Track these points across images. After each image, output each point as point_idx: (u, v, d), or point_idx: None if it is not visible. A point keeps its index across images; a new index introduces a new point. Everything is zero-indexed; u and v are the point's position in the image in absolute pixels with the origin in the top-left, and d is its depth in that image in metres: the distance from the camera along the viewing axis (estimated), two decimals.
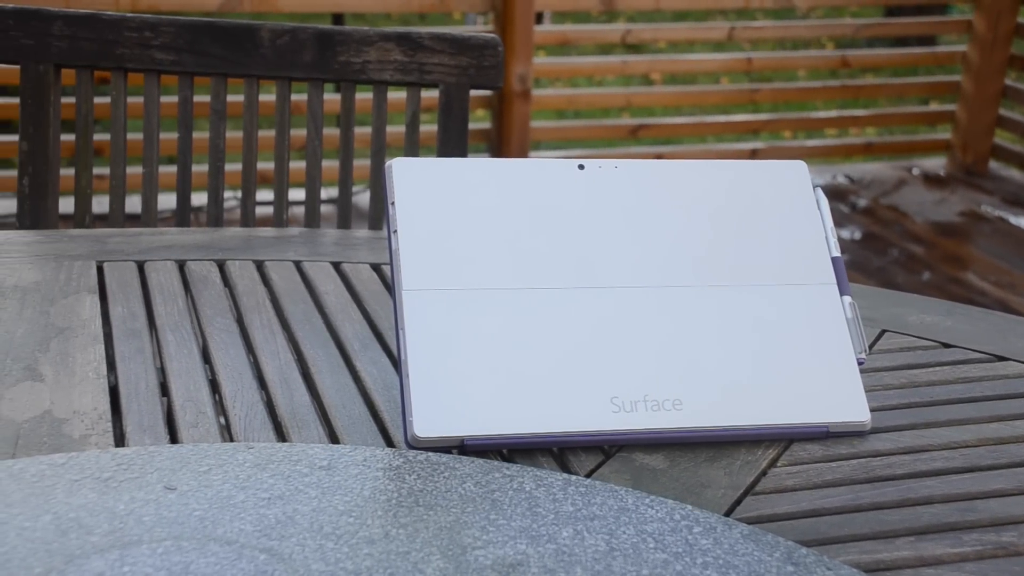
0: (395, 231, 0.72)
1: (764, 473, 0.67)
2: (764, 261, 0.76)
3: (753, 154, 3.97)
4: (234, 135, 1.26)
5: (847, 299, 0.75)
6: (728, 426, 0.70)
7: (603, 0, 3.65)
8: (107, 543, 0.55)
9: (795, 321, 0.74)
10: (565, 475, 0.64)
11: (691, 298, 0.74)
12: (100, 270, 0.94)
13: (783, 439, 0.71)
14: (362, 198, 3.25)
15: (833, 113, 4.14)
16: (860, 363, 0.74)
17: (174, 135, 1.23)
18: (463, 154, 1.23)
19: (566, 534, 0.58)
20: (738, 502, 0.64)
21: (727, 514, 0.63)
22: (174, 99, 1.21)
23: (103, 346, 0.80)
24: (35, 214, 1.17)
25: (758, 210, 0.77)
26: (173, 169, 1.26)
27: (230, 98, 1.22)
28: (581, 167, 0.76)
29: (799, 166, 0.79)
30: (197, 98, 1.21)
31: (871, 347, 0.86)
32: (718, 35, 3.91)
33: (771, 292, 0.75)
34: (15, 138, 3.45)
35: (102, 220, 1.21)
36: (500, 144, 3.64)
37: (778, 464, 0.69)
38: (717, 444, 0.70)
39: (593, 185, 0.76)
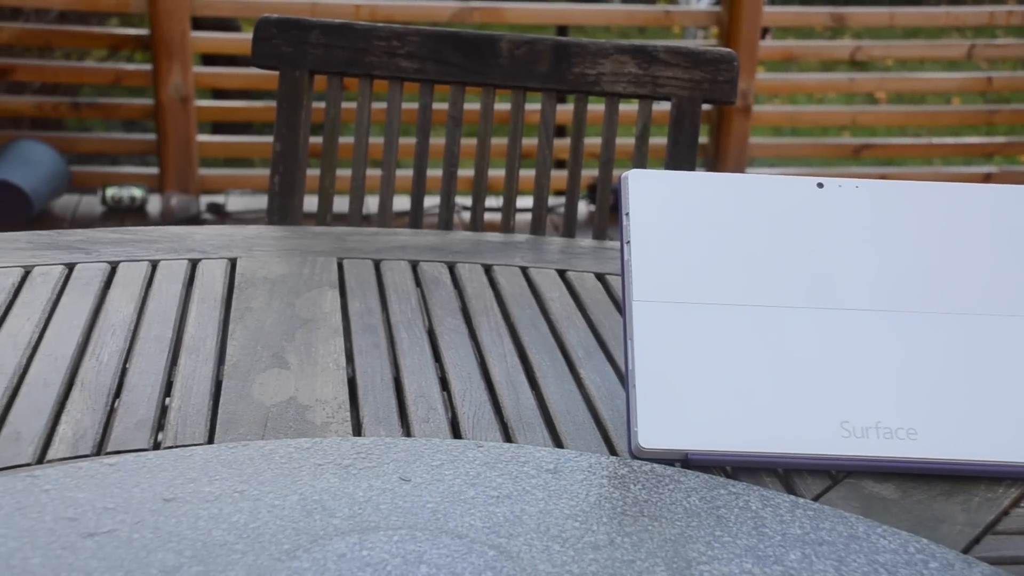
0: (628, 242, 0.73)
1: (1006, 512, 0.64)
2: (1013, 290, 0.72)
3: (986, 178, 3.78)
4: (466, 142, 1.29)
5: None
6: (967, 460, 0.67)
7: (834, 16, 3.55)
8: (348, 527, 0.58)
9: None
10: (792, 497, 0.63)
11: (931, 325, 0.71)
12: (340, 266, 0.99)
13: None
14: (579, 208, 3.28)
15: None
16: None
17: (411, 140, 1.28)
18: (692, 168, 1.22)
19: (793, 557, 0.57)
20: (976, 540, 0.61)
21: (965, 552, 0.60)
22: (414, 106, 1.26)
23: (342, 339, 0.84)
24: (283, 211, 1.24)
25: (1009, 237, 0.74)
26: (407, 172, 1.31)
27: (466, 106, 1.25)
28: (820, 185, 0.75)
29: None
30: (435, 105, 1.25)
31: None
32: (955, 53, 3.74)
33: (1020, 324, 0.71)
34: (255, 139, 3.66)
35: (340, 219, 1.27)
36: (716, 159, 3.61)
37: (1022, 504, 0.65)
38: (953, 478, 0.68)
39: (832, 204, 0.74)
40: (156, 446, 0.68)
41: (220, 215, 3.51)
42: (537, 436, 0.72)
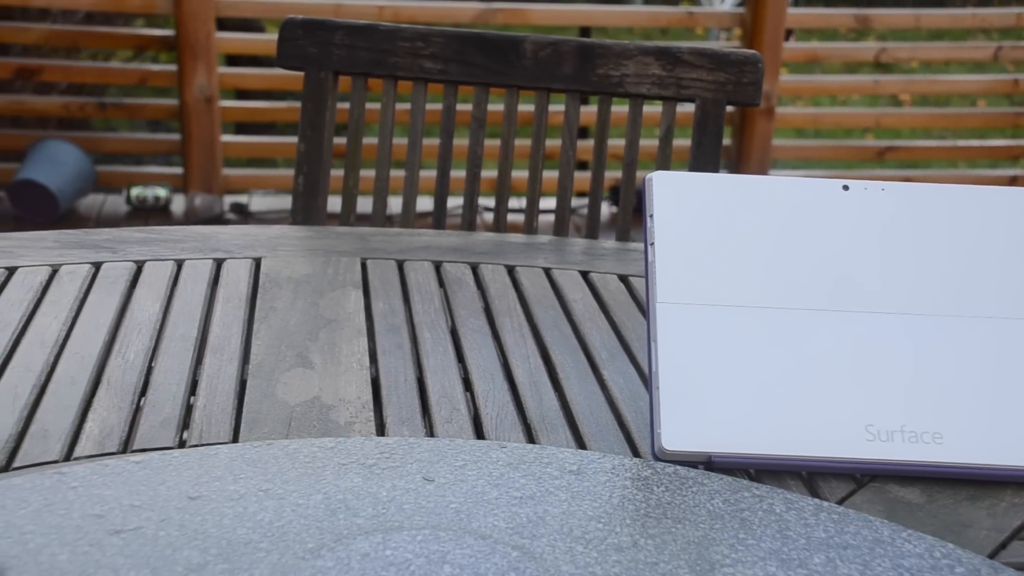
0: (652, 243, 0.73)
1: None
2: None
3: (1012, 181, 3.76)
4: (490, 143, 1.29)
5: None
6: (993, 465, 0.67)
7: (858, 18, 3.54)
8: (371, 526, 0.58)
9: None
10: (817, 500, 0.63)
11: (956, 328, 0.71)
12: (364, 266, 0.99)
13: None
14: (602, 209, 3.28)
15: None
16: None
17: (435, 141, 1.28)
18: (716, 169, 1.22)
19: (818, 560, 0.57)
20: (1003, 545, 0.61)
21: (991, 557, 0.60)
22: (437, 107, 1.26)
23: (366, 339, 0.84)
24: (307, 211, 1.24)
25: None
26: (430, 173, 1.31)
27: (489, 107, 1.25)
28: (846, 188, 0.75)
29: None
30: (459, 106, 1.25)
31: None
32: (981, 55, 3.71)
33: None
34: (279, 139, 3.68)
35: (363, 219, 1.27)
36: (739, 161, 3.59)
37: None
38: (979, 483, 0.67)
39: (858, 207, 0.74)
40: (181, 444, 0.69)
41: (243, 215, 3.53)
42: (560, 437, 0.72)
